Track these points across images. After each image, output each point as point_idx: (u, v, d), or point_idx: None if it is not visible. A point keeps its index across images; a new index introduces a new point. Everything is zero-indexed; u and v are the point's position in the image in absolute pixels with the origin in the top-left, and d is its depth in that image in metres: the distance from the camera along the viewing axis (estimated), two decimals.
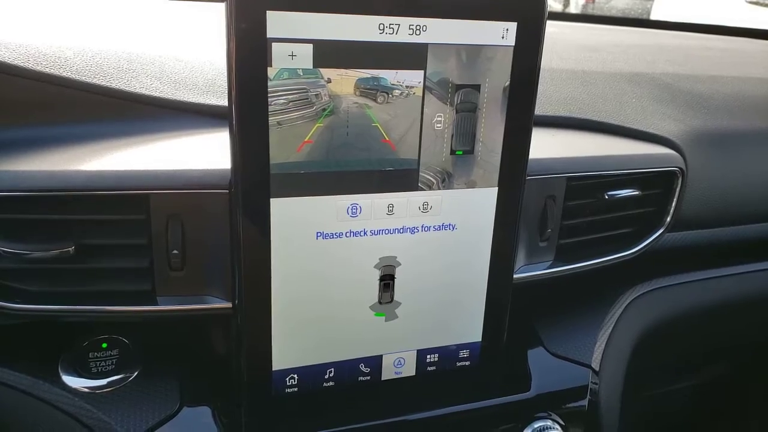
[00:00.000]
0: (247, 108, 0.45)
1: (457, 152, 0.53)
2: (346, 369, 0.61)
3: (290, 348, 0.57)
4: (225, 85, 0.61)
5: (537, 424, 0.60)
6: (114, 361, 0.57)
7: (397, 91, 0.50)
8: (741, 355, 1.03)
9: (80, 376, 0.56)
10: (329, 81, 0.48)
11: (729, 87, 0.87)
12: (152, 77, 0.60)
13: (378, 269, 0.56)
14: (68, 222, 0.51)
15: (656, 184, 0.70)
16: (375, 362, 0.62)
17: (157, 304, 0.53)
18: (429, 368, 0.63)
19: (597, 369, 0.66)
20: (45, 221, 0.50)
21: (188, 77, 0.62)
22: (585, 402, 0.64)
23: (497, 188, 0.55)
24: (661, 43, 1.08)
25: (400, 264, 0.56)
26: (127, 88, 0.57)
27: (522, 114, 0.52)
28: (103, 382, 0.56)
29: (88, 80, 0.56)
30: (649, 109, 0.79)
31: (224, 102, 0.60)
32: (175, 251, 0.52)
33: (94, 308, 0.52)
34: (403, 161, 0.53)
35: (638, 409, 0.82)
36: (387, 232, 0.55)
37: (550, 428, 0.59)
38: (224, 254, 0.53)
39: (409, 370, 0.63)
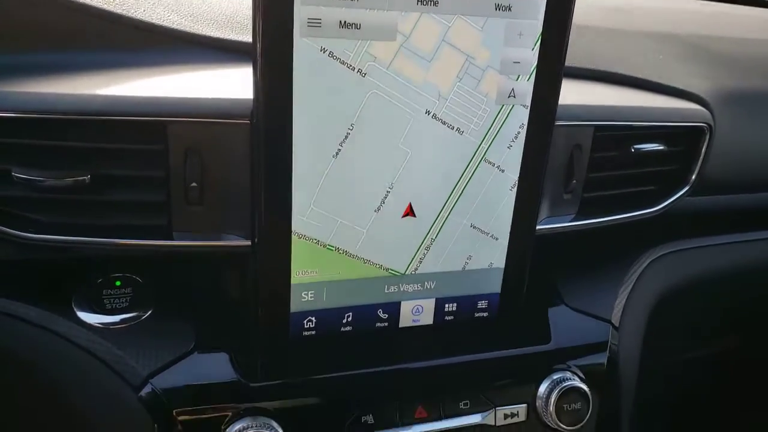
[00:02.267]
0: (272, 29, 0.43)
1: None
2: (364, 314, 0.60)
3: (309, 290, 0.56)
4: (243, 21, 0.60)
5: (556, 376, 0.59)
6: (128, 299, 0.56)
7: None
8: (759, 326, 1.01)
9: (94, 312, 0.54)
10: None
11: (759, 48, 0.85)
12: (169, 10, 0.58)
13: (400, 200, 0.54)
14: (84, 150, 0.49)
15: (683, 141, 0.69)
16: (393, 309, 0.61)
17: (172, 239, 0.52)
18: (447, 317, 0.62)
19: (617, 325, 0.65)
20: (60, 148, 0.49)
21: (206, 12, 0.60)
22: (605, 357, 0.63)
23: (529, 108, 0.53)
24: (690, 8, 1.06)
25: (422, 197, 0.55)
26: (148, 19, 0.55)
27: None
28: (117, 318, 0.54)
29: (107, 8, 0.54)
30: (676, 66, 0.76)
31: (243, 38, 0.58)
32: (193, 184, 0.50)
33: (108, 241, 0.51)
34: None
35: (654, 373, 0.81)
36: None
37: (570, 380, 0.58)
38: (244, 190, 0.52)
39: (427, 318, 0.62)
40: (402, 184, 0.54)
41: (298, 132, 0.49)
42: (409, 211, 0.56)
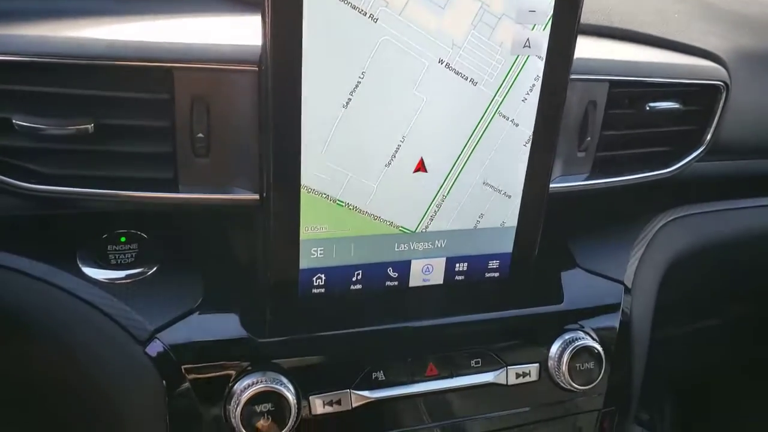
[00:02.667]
0: None
1: None
2: (374, 272, 0.59)
3: (319, 246, 0.55)
4: None
5: (568, 336, 0.58)
6: (133, 254, 0.55)
7: None
8: None
9: (99, 267, 0.53)
10: None
11: None
12: None
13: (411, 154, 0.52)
14: (87, 98, 0.47)
15: (698, 100, 0.67)
16: (403, 267, 0.60)
17: (178, 192, 0.51)
18: (457, 277, 0.61)
19: (629, 287, 0.64)
20: (63, 95, 0.47)
21: None
22: (617, 318, 0.62)
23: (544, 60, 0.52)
24: None
25: (433, 151, 0.53)
26: None
27: None
28: (122, 274, 0.53)
29: None
30: (692, 25, 0.74)
31: None
32: (200, 135, 0.49)
33: (112, 193, 0.50)
34: None
35: (665, 340, 0.80)
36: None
37: (582, 339, 0.58)
38: (252, 142, 0.50)
39: (437, 277, 0.61)
40: (413, 136, 0.53)
41: (307, 79, 0.48)
42: (421, 166, 0.55)
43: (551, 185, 0.60)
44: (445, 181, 0.56)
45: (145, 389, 0.50)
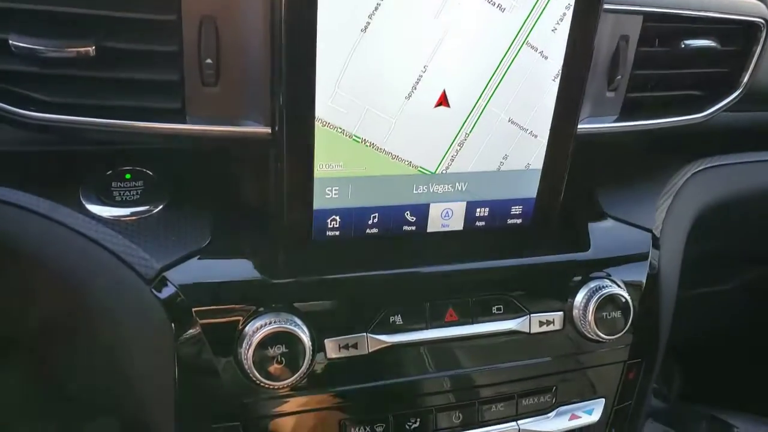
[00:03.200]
0: None
1: None
2: (391, 216, 0.56)
3: (333, 185, 0.52)
4: None
5: (594, 284, 0.56)
6: (139, 191, 0.52)
7: None
8: None
9: (103, 204, 0.51)
10: None
11: None
12: None
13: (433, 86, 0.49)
14: (88, 17, 0.44)
15: (736, 39, 0.63)
16: (421, 211, 0.57)
17: (186, 123, 0.48)
18: (478, 223, 0.58)
19: (658, 236, 0.61)
20: (62, 14, 0.44)
21: None
22: (645, 267, 0.59)
23: None
24: None
25: (457, 84, 0.50)
26: None
27: None
28: (127, 211, 0.51)
29: None
30: None
31: None
32: (208, 60, 0.46)
33: (116, 122, 0.47)
34: None
35: (690, 299, 0.77)
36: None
37: (609, 287, 0.55)
38: (263, 69, 0.47)
39: (457, 223, 0.58)
40: (436, 66, 0.50)
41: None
42: (443, 100, 0.52)
43: (579, 126, 0.57)
44: (468, 117, 0.53)
45: (152, 331, 0.48)
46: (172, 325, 0.48)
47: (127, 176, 0.53)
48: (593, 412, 0.57)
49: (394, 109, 0.50)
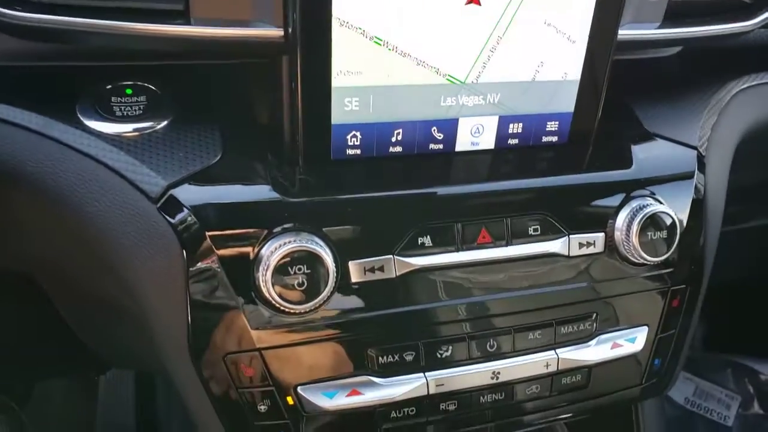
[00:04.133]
0: None
1: None
2: (417, 132, 0.51)
3: (353, 96, 0.47)
4: None
5: (637, 203, 0.51)
6: (141, 107, 0.47)
7: None
8: None
9: (102, 119, 0.46)
10: None
11: None
12: None
13: None
14: None
15: None
16: (450, 127, 0.52)
17: (190, 25, 0.43)
18: (510, 140, 0.53)
19: (704, 154, 0.57)
20: None
21: None
22: (691, 187, 0.54)
23: None
24: None
25: None
26: None
27: None
28: (129, 127, 0.46)
29: None
30: None
31: None
32: None
33: (114, 24, 0.42)
34: None
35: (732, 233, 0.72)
36: None
37: (654, 206, 0.50)
38: None
39: (488, 141, 0.54)
40: None
41: None
42: None
43: (620, 32, 0.51)
44: (501, 17, 0.48)
45: (160, 254, 0.44)
46: (183, 249, 0.44)
47: (128, 91, 0.48)
48: (636, 340, 0.54)
49: (421, 5, 0.45)
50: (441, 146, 0.52)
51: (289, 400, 0.46)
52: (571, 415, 0.55)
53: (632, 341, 0.53)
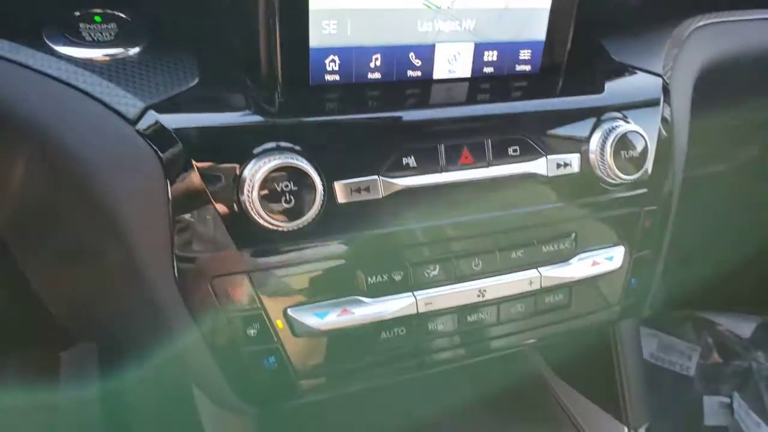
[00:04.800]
0: None
1: None
2: (395, 58, 0.51)
3: (331, 18, 0.46)
4: None
5: (611, 124, 0.53)
6: (112, 33, 0.46)
7: None
8: None
9: (72, 44, 0.44)
10: None
11: None
12: None
13: None
14: None
15: None
16: (427, 53, 0.52)
17: None
18: (486, 69, 0.54)
19: (668, 81, 0.59)
20: None
21: None
22: (659, 112, 0.56)
23: None
24: None
25: None
26: None
27: None
28: (99, 52, 0.45)
29: None
30: None
31: None
32: None
33: None
34: None
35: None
36: None
37: (625, 126, 0.52)
38: None
39: (465, 68, 0.54)
40: None
41: None
42: None
43: None
44: None
45: (141, 178, 0.42)
46: (165, 172, 0.43)
47: (97, 18, 0.46)
48: (614, 258, 0.55)
49: None
50: (419, 73, 0.52)
51: (279, 323, 0.46)
52: (554, 336, 0.57)
53: (611, 259, 0.55)
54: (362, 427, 0.66)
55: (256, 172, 0.42)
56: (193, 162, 0.43)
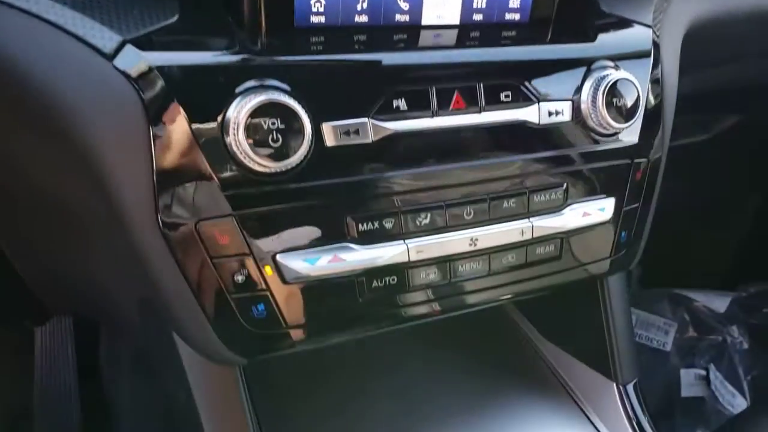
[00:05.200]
0: None
1: None
2: (382, 1, 0.50)
3: None
4: None
5: (603, 72, 0.52)
6: None
7: None
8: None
9: None
10: None
11: None
12: None
13: None
14: None
15: None
16: None
17: None
18: (475, 16, 0.53)
19: (658, 34, 0.58)
20: None
21: None
22: (649, 63, 0.56)
23: None
24: None
25: None
26: None
27: None
28: None
29: None
30: None
31: None
32: None
33: None
34: None
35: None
36: None
37: (617, 74, 0.51)
38: None
39: (453, 14, 0.53)
40: None
41: None
42: None
43: None
44: None
45: (120, 118, 0.40)
46: (146, 111, 0.41)
47: None
48: (605, 210, 0.55)
49: None
50: (407, 17, 0.50)
51: (268, 269, 0.44)
52: (544, 289, 0.56)
53: (602, 210, 0.55)
54: (352, 390, 0.64)
55: (241, 109, 0.40)
56: (176, 100, 0.41)
